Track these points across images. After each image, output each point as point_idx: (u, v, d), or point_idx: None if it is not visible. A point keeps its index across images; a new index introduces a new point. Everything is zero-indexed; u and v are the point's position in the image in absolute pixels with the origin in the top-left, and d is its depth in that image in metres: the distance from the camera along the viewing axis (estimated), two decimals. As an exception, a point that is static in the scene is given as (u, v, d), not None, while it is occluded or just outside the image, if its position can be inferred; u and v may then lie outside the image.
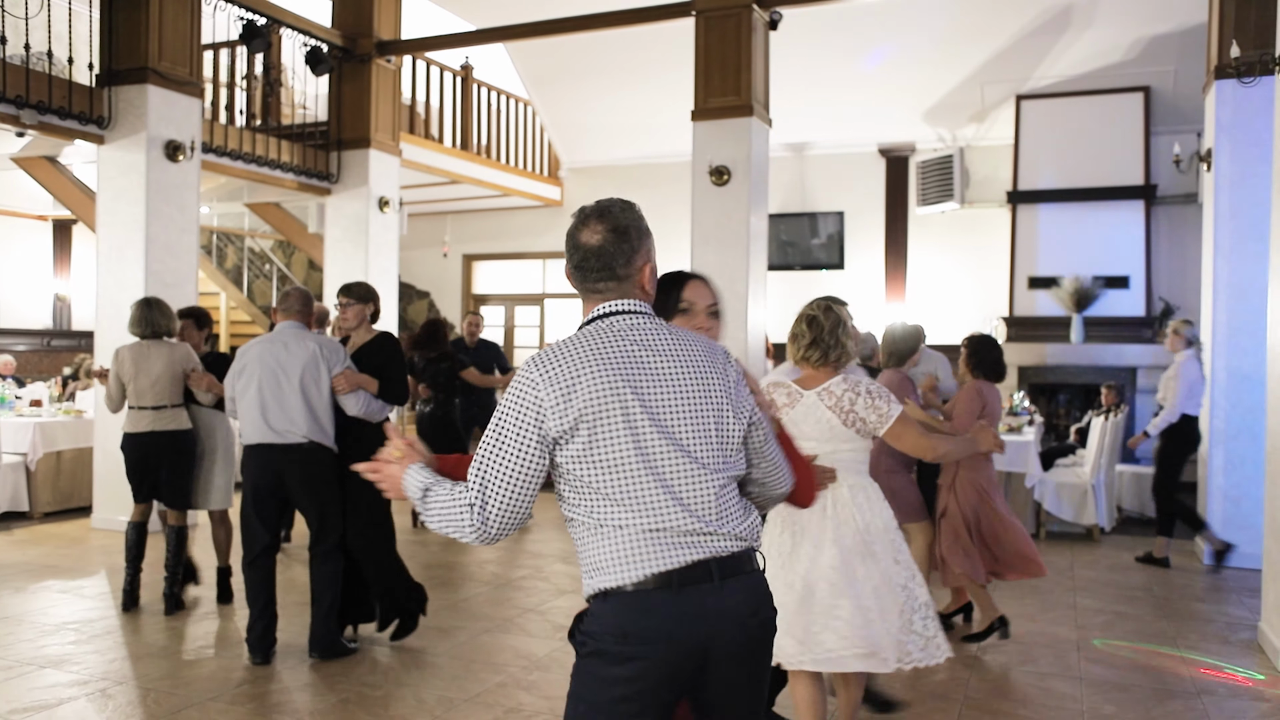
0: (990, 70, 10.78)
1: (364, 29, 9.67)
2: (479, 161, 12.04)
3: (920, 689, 4.33)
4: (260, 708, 3.98)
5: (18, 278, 12.78)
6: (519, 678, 4.35)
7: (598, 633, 1.87)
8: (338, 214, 9.89)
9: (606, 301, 2.01)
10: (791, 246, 12.43)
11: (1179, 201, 10.60)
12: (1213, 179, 7.10)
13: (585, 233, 2.01)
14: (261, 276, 14.99)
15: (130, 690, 4.16)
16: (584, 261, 2.00)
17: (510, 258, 14.23)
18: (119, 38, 7.42)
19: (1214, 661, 4.78)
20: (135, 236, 7.34)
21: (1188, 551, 7.30)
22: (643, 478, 1.87)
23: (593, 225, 2.01)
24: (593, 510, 1.89)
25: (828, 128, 11.95)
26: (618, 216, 2.01)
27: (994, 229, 11.41)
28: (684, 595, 1.86)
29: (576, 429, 1.86)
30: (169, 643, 4.81)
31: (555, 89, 12.56)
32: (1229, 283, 6.95)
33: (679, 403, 1.93)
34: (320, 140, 9.85)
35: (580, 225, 2.03)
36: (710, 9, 8.08)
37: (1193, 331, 6.97)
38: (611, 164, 13.31)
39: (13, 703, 4.00)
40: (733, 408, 1.99)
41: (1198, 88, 8.83)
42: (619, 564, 1.87)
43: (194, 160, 7.69)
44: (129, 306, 5.54)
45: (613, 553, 1.87)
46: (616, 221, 2.00)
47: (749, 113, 8.01)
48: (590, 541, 1.91)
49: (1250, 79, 6.79)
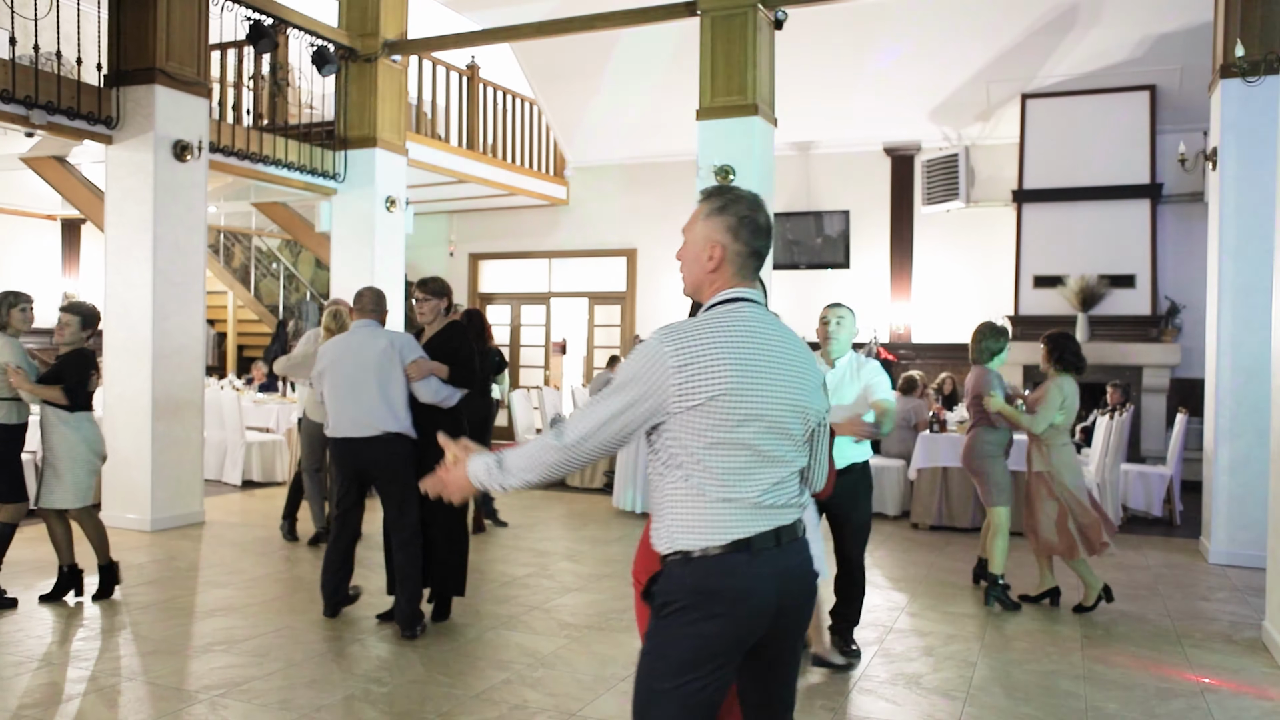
0: (995, 69, 10.78)
1: (370, 29, 9.70)
2: (485, 160, 12.07)
3: (924, 685, 4.35)
4: (267, 703, 4.01)
5: (27, 277, 12.84)
6: (524, 675, 4.37)
7: (680, 591, 2.01)
8: (344, 213, 9.93)
9: (736, 288, 2.11)
10: (797, 245, 12.44)
11: (1185, 200, 10.60)
12: (1218, 178, 7.10)
13: (763, 216, 2.12)
14: (268, 275, 15.05)
15: (139, 686, 4.19)
16: (765, 245, 2.13)
17: (516, 256, 14.27)
18: (127, 38, 7.46)
19: (1218, 660, 4.78)
20: (143, 236, 7.38)
21: (1192, 550, 7.31)
22: (750, 458, 2.01)
23: (762, 210, 2.12)
24: (695, 477, 2.01)
25: (833, 127, 11.96)
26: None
27: (999, 228, 11.41)
28: (761, 558, 2.01)
29: (701, 405, 1.97)
30: (178, 639, 4.85)
31: (561, 88, 12.59)
32: (1234, 281, 6.95)
33: (788, 390, 2.06)
34: (327, 140, 9.88)
35: (755, 208, 2.12)
36: (715, 8, 8.09)
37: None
38: (617, 163, 13.34)
39: (22, 698, 4.04)
40: (817, 401, 2.14)
41: (1203, 86, 8.82)
42: (708, 529, 2.00)
43: (201, 160, 7.72)
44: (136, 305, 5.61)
45: (706, 519, 2.01)
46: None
47: (754, 112, 8.03)
48: (684, 504, 2.02)
49: (1255, 78, 6.80)
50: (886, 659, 4.74)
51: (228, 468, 9.62)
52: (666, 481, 2.05)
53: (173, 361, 7.51)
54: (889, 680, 4.44)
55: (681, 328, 2.02)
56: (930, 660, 4.73)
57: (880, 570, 6.48)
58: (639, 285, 13.44)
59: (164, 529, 7.41)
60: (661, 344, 2.00)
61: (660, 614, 2.04)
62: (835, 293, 12.38)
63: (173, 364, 7.51)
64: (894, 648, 4.92)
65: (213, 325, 13.66)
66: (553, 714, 3.92)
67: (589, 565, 6.58)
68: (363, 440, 4.84)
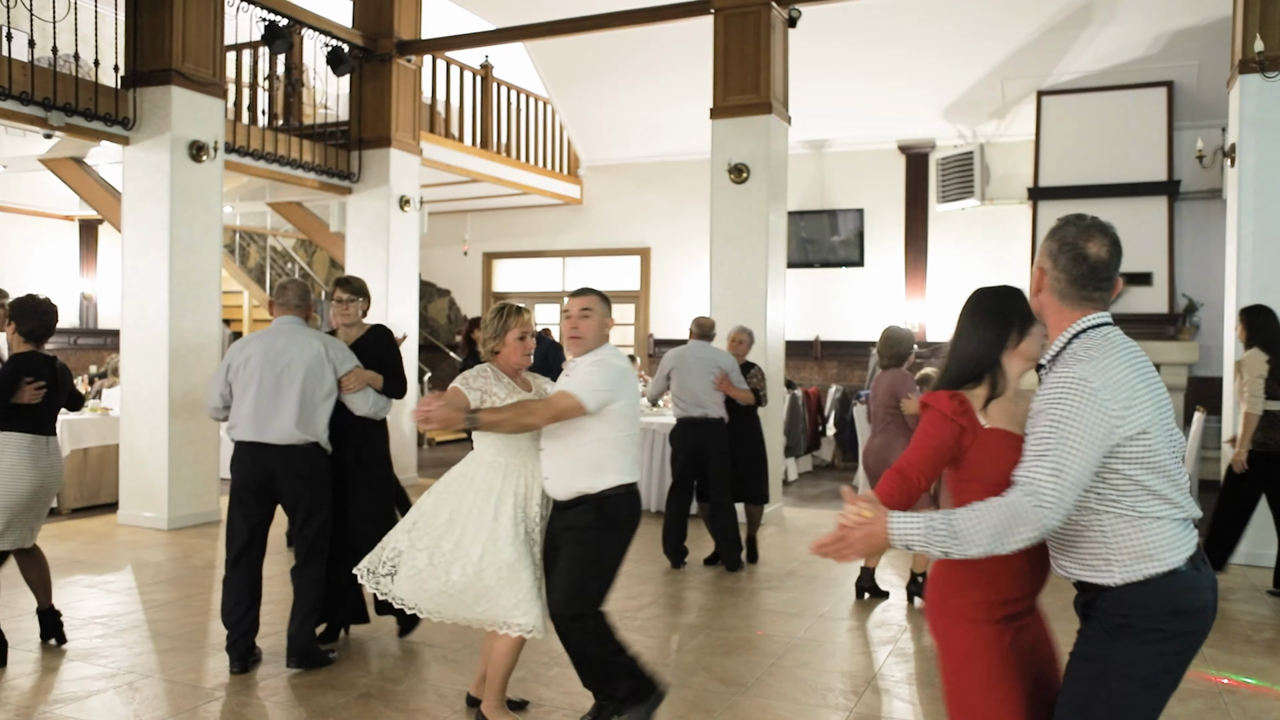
0: (1011, 66, 10.72)
1: (384, 29, 9.73)
2: (499, 160, 12.09)
3: (937, 685, 4.32)
4: (284, 700, 4.03)
5: (45, 277, 12.94)
6: (539, 673, 4.37)
7: (1147, 614, 2.07)
8: (359, 213, 9.97)
9: (1094, 314, 2.17)
10: (811, 244, 12.41)
11: (1203, 197, 10.51)
12: (1237, 174, 7.03)
13: (1093, 245, 2.15)
14: (284, 275, 15.11)
15: (157, 683, 4.22)
16: (1092, 271, 2.15)
17: (530, 255, 14.29)
18: (143, 40, 7.50)
19: (1237, 660, 4.74)
20: (160, 236, 7.43)
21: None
22: (1176, 476, 2.10)
23: (1098, 238, 2.16)
24: (1135, 504, 2.08)
25: (847, 125, 11.92)
26: (1113, 233, 2.19)
27: (1015, 226, 11.35)
28: (1205, 571, 2.13)
29: (1136, 436, 2.05)
30: (195, 636, 4.88)
31: (574, 87, 12.60)
32: (1253, 279, 6.88)
33: (1168, 409, 2.14)
34: (341, 140, 9.92)
35: (1084, 236, 2.16)
36: (729, 7, 8.07)
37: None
38: (631, 162, 13.34)
39: (42, 695, 4.08)
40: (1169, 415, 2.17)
41: (1222, 82, 8.75)
42: (1167, 549, 2.07)
43: (217, 160, 7.76)
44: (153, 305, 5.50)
45: (1158, 540, 2.07)
46: (1114, 236, 2.18)
47: (768, 110, 8.01)
48: (1127, 531, 2.08)
49: (1275, 73, 6.73)
50: (901, 658, 4.72)
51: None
52: (1109, 513, 2.12)
53: (189, 361, 7.55)
54: (904, 680, 4.43)
55: (1093, 365, 2.09)
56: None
57: (894, 570, 6.46)
58: (653, 284, 13.43)
59: (180, 527, 7.46)
60: (1086, 379, 2.09)
61: (1127, 640, 2.10)
62: (850, 291, 12.38)
63: (189, 363, 7.55)
64: (908, 647, 4.90)
65: (228, 325, 13.72)
66: (566, 713, 3.93)
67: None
68: (276, 448, 4.35)
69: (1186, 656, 2.10)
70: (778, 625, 5.26)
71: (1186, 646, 2.09)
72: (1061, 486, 1.98)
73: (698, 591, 6.00)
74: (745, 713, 3.99)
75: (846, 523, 2.09)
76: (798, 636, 5.03)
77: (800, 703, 4.10)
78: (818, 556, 2.13)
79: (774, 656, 4.71)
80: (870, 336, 12.02)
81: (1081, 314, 2.16)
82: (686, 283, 12.95)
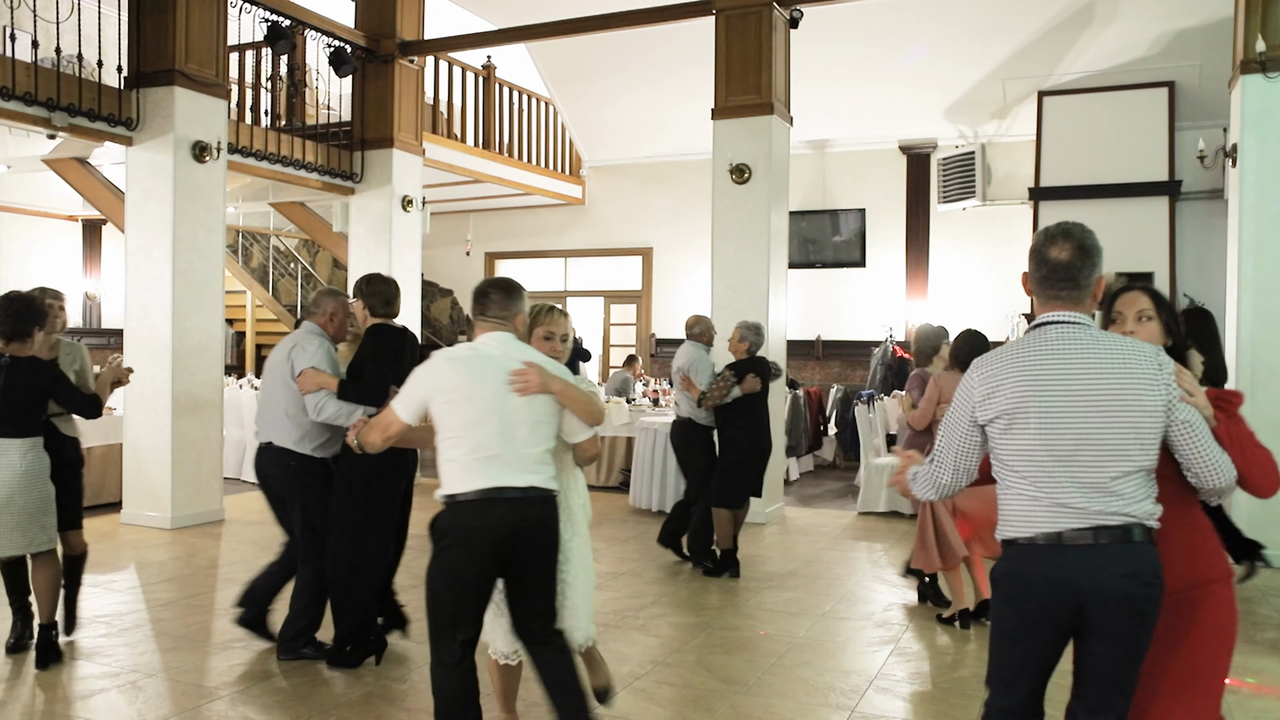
0: (1012, 66, 10.73)
1: (387, 30, 9.75)
2: (501, 160, 12.11)
3: (940, 684, 4.34)
4: (286, 699, 4.05)
5: (49, 277, 12.97)
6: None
7: (997, 576, 2.44)
8: (361, 213, 9.98)
9: (1051, 311, 2.40)
10: (813, 244, 12.42)
11: (1204, 197, 10.51)
12: (1238, 174, 7.04)
13: (1054, 249, 2.38)
14: (287, 275, 15.13)
15: (160, 682, 4.24)
16: (1052, 273, 2.38)
17: (532, 256, 14.30)
18: (147, 40, 7.52)
19: (1239, 660, 4.74)
20: (163, 236, 7.45)
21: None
22: (1042, 460, 2.30)
23: (1060, 243, 2.38)
24: (1004, 475, 2.40)
25: (848, 125, 11.93)
26: (1081, 237, 2.37)
27: (1016, 226, 11.35)
28: (1065, 552, 2.30)
29: (998, 418, 2.35)
30: (198, 636, 4.89)
31: (576, 88, 12.62)
32: (1254, 279, 6.88)
33: (1078, 404, 2.29)
34: (344, 140, 9.94)
35: (1048, 242, 2.40)
36: (730, 7, 8.08)
37: None
38: (633, 162, 13.36)
39: (46, 694, 4.09)
40: (1143, 409, 2.30)
41: (1223, 82, 8.75)
42: (1019, 521, 2.35)
43: (220, 161, 7.78)
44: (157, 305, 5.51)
45: (1016, 512, 2.37)
46: (1082, 241, 2.37)
47: (769, 111, 8.02)
48: (1002, 496, 2.42)
49: (1276, 73, 6.74)
50: (903, 657, 4.73)
51: (247, 466, 9.68)
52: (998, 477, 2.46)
53: (192, 361, 7.57)
54: (906, 679, 4.44)
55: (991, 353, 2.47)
56: (947, 659, 4.73)
57: (895, 569, 6.46)
58: (655, 284, 13.45)
59: (184, 526, 7.48)
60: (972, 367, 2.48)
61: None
62: (851, 292, 12.38)
63: (192, 363, 7.57)
64: (910, 647, 4.91)
65: (231, 325, 13.75)
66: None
67: (605, 564, 6.59)
68: (260, 447, 4.46)
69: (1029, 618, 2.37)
70: (779, 624, 5.27)
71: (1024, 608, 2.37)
72: (941, 449, 2.48)
73: (699, 591, 6.01)
74: (747, 712, 4.00)
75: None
76: (799, 636, 5.05)
77: (802, 702, 4.12)
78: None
79: (775, 656, 4.72)
80: (870, 336, 12.04)
81: (1047, 311, 2.41)
82: (688, 283, 12.97)
